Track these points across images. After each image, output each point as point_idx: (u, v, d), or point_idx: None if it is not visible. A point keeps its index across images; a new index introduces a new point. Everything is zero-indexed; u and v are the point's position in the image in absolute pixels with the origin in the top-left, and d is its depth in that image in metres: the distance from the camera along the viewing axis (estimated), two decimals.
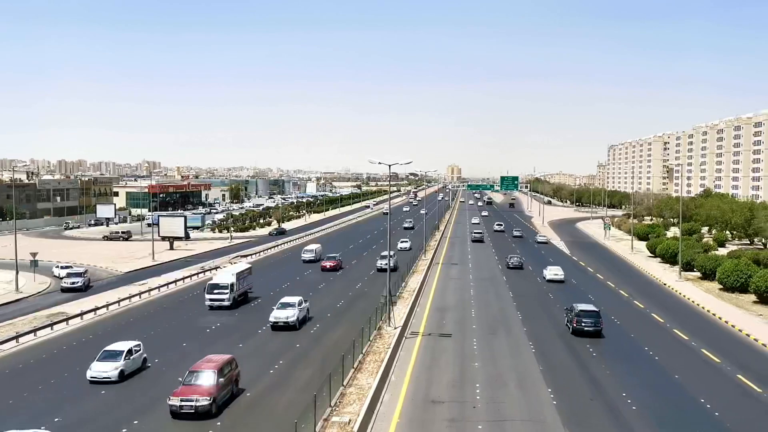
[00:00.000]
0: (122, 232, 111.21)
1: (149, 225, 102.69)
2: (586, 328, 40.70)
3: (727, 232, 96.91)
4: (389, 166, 41.96)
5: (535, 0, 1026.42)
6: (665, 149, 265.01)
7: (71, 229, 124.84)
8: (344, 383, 29.57)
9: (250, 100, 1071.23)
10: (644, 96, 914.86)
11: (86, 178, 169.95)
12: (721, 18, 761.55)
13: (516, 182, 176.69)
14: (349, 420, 25.17)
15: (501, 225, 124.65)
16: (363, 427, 24.83)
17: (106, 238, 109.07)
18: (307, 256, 75.29)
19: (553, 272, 64.23)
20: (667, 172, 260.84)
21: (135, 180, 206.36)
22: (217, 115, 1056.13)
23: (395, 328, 40.32)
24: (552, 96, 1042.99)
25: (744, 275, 56.92)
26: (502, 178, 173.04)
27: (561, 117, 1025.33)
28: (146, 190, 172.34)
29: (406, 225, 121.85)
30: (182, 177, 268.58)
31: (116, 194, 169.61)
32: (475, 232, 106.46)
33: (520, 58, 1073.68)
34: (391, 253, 61.21)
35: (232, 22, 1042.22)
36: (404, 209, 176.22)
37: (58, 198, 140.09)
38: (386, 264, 53.99)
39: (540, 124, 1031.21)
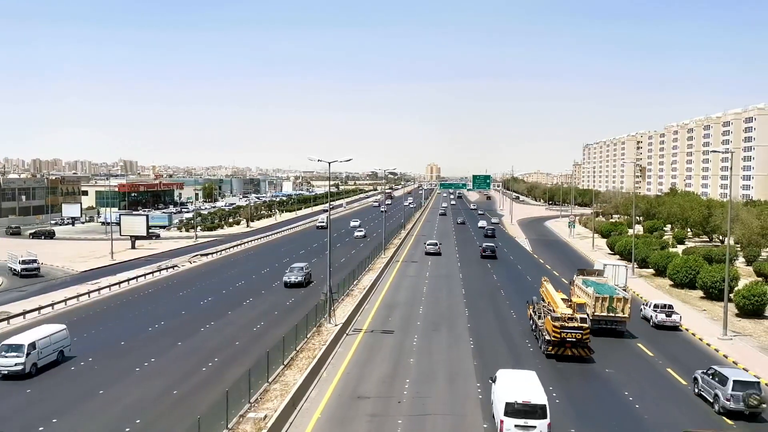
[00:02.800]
0: None
1: (103, 224, 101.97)
2: None
3: (688, 229, 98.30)
4: (329, 163, 41.85)
5: (516, 1, 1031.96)
6: (638, 148, 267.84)
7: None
8: (269, 380, 29.53)
9: (232, 99, 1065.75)
10: (623, 95, 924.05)
11: (54, 177, 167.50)
12: (699, 18, 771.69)
13: (488, 181, 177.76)
14: (265, 416, 25.15)
15: (475, 206, 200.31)
16: (279, 423, 24.82)
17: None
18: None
19: (480, 224, 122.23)
20: (640, 171, 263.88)
21: (107, 179, 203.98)
22: (199, 114, 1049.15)
23: (336, 325, 40.32)
24: (533, 95, 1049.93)
25: (693, 271, 57.80)
26: (474, 177, 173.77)
27: (541, 116, 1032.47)
28: (116, 189, 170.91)
29: (288, 278, 57.39)
30: (155, 176, 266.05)
31: (85, 193, 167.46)
32: (441, 208, 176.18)
33: (502, 58, 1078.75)
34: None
35: (218, 20, 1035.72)
36: (352, 223, 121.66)
37: (24, 197, 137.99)
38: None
39: (520, 123, 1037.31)
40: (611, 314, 39.79)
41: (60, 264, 75.58)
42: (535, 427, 23.35)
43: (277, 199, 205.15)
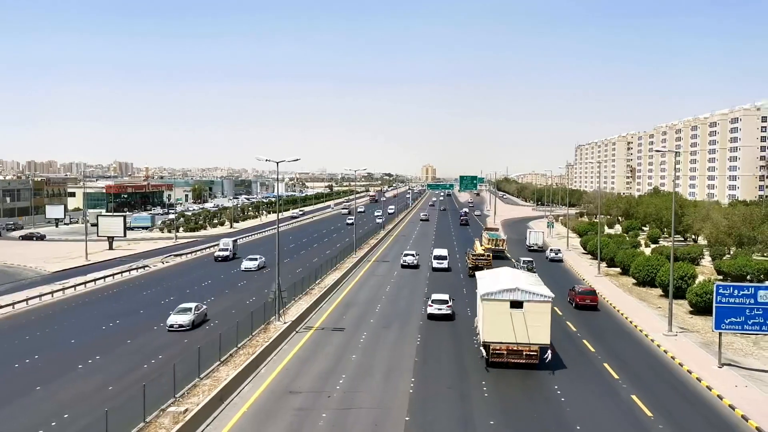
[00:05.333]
0: None
1: (93, 225, 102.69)
2: None
3: (664, 228, 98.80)
4: (277, 163, 42.38)
5: (513, 2, 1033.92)
6: (629, 149, 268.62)
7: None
8: (200, 375, 29.98)
9: (231, 101, 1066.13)
10: (620, 95, 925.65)
11: (39, 179, 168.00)
12: (694, 19, 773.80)
13: (475, 181, 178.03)
14: (186, 410, 25.58)
15: (470, 202, 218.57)
16: (200, 417, 25.25)
17: None
18: None
19: (463, 210, 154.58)
20: (631, 171, 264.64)
21: (96, 180, 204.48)
22: (197, 115, 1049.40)
23: (284, 323, 40.77)
24: (529, 96, 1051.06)
25: (654, 270, 58.22)
26: (461, 178, 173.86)
27: (537, 117, 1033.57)
28: (104, 191, 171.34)
29: None
30: (145, 177, 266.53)
31: (72, 195, 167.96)
32: (431, 201, 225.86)
33: (500, 57, 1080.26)
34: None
35: (217, 21, 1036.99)
36: (245, 263, 68.94)
37: (8, 199, 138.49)
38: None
39: (517, 124, 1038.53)
40: (497, 247, 77.80)
41: (33, 265, 76.05)
42: (442, 262, 67.70)
43: (267, 201, 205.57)
